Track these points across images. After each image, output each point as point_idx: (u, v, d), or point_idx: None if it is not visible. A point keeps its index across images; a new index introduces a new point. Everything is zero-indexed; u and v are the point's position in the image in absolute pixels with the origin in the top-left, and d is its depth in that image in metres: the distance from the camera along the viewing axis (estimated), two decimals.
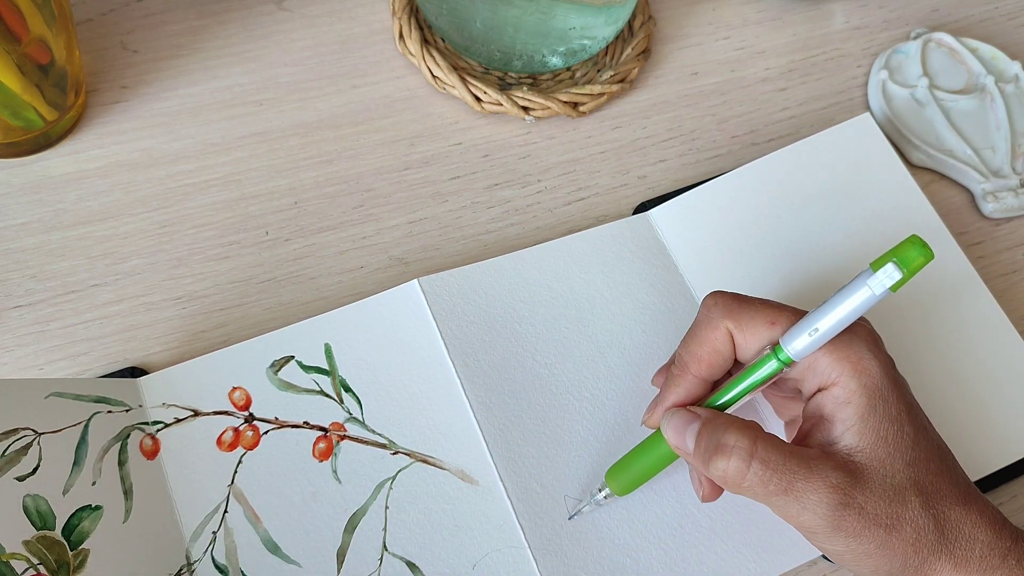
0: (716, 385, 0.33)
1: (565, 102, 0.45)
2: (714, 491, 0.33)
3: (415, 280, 0.39)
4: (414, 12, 0.47)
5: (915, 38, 0.51)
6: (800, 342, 0.30)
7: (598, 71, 0.48)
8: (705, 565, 0.35)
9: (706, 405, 0.32)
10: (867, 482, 0.29)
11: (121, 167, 0.42)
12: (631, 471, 0.34)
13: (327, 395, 0.37)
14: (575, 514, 0.36)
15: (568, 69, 0.48)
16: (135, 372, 0.37)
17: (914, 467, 0.29)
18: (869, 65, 0.50)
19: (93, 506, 0.32)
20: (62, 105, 0.41)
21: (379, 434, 0.36)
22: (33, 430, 0.31)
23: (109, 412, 0.34)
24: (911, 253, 0.27)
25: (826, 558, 0.37)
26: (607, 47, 0.48)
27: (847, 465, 0.29)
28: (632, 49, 0.47)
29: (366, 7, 0.48)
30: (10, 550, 0.28)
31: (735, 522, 0.36)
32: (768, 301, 0.32)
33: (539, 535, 0.35)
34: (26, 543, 0.29)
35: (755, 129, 0.47)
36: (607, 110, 0.47)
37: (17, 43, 0.36)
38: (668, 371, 0.35)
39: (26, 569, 0.29)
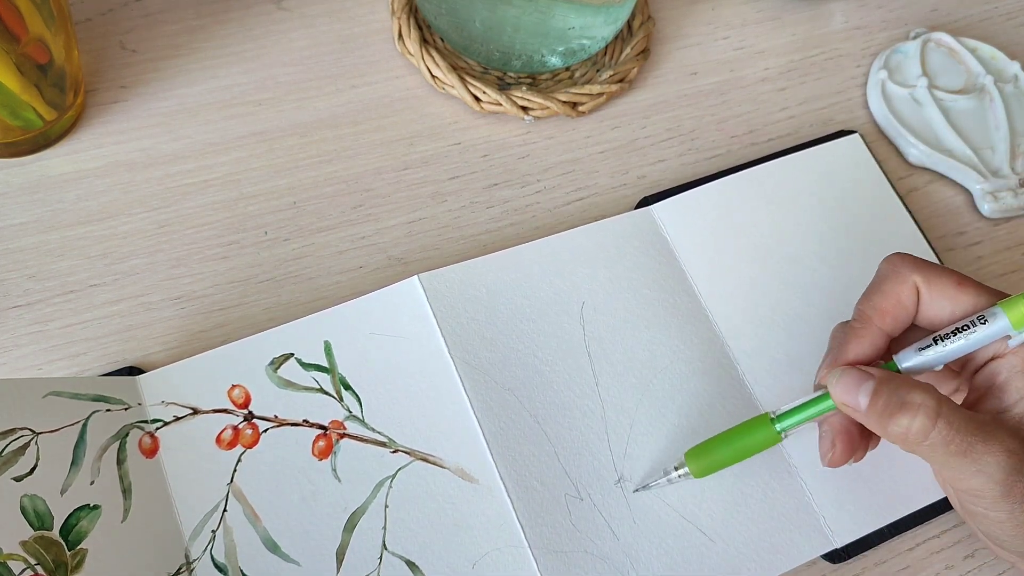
0: (892, 343, 0.33)
1: (564, 102, 0.45)
2: (844, 456, 0.33)
3: (415, 276, 0.39)
4: (413, 12, 0.47)
5: (914, 38, 0.51)
6: None
7: (597, 71, 0.48)
8: (705, 565, 0.35)
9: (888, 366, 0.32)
10: None
11: (120, 167, 0.42)
12: (716, 454, 0.34)
13: (327, 393, 0.36)
14: (641, 487, 0.35)
15: (567, 69, 0.48)
16: (133, 372, 0.36)
17: None
18: (868, 65, 0.50)
19: (91, 505, 0.31)
20: (61, 105, 0.41)
21: (379, 432, 0.36)
22: (31, 430, 0.31)
23: (108, 411, 0.34)
24: None
25: (826, 559, 0.36)
26: (606, 47, 0.48)
27: (1021, 432, 0.29)
28: (631, 49, 0.47)
29: (365, 7, 0.48)
30: (7, 551, 0.28)
31: (735, 522, 0.36)
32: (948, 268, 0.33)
33: (539, 534, 0.35)
34: (23, 544, 0.29)
35: (754, 129, 0.47)
36: (606, 110, 0.47)
37: (16, 43, 0.36)
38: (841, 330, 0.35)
39: (23, 570, 0.28)
